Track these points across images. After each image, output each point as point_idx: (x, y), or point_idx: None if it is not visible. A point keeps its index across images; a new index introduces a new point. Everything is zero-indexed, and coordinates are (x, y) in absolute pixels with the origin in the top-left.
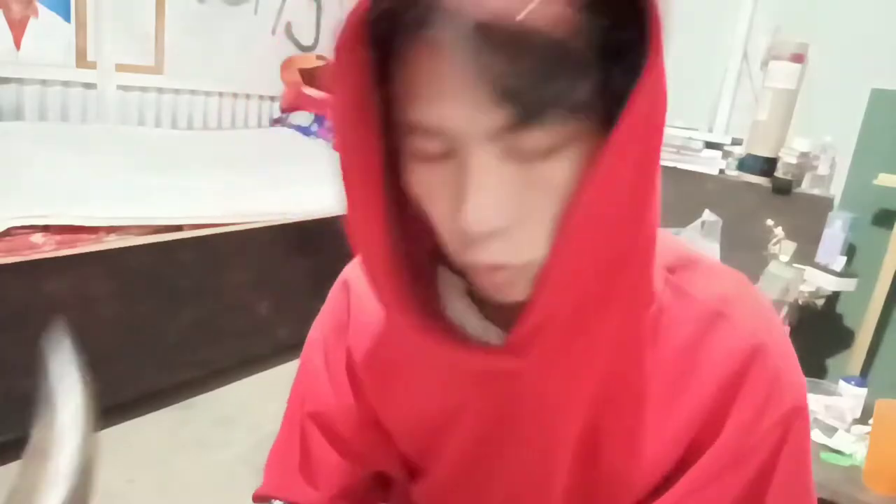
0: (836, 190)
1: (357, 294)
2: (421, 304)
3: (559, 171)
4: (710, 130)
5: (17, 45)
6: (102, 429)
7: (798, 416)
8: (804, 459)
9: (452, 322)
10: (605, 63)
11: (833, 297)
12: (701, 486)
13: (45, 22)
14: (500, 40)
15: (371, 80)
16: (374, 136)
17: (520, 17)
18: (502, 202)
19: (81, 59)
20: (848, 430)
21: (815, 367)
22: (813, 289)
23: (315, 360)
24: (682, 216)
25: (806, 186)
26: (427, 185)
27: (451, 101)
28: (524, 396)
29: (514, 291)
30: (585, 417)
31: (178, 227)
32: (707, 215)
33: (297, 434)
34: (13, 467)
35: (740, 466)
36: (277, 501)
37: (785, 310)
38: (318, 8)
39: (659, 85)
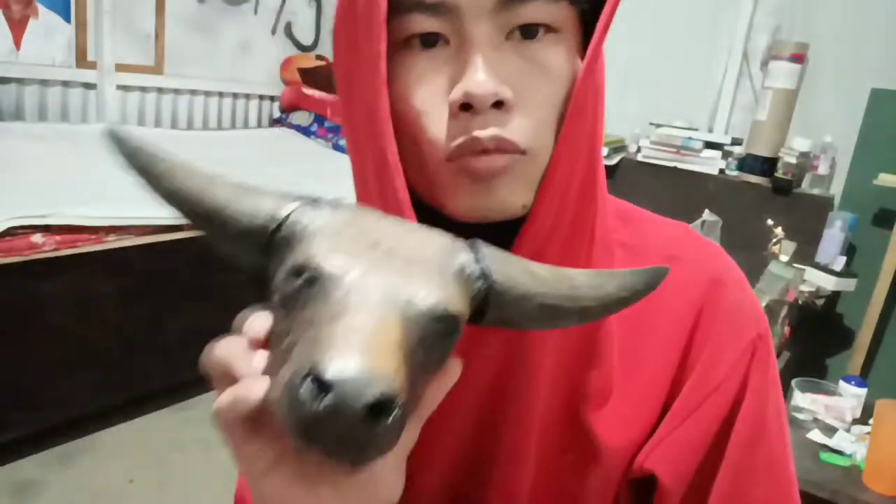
0: (836, 190)
1: None
2: None
3: (552, 55)
4: (710, 130)
5: (17, 45)
6: (103, 429)
7: (761, 343)
8: (772, 384)
9: None
10: None
11: (833, 297)
12: (681, 421)
13: (45, 22)
14: None
15: None
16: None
17: None
18: (504, 75)
19: (81, 59)
20: (848, 430)
21: (815, 367)
22: (813, 289)
23: None
24: (682, 216)
25: (806, 186)
26: (419, 73)
27: None
28: (515, 353)
29: (511, 191)
30: (562, 375)
31: (178, 227)
32: (707, 215)
33: None
34: (13, 467)
35: (715, 396)
36: None
37: (785, 310)
38: (318, 8)
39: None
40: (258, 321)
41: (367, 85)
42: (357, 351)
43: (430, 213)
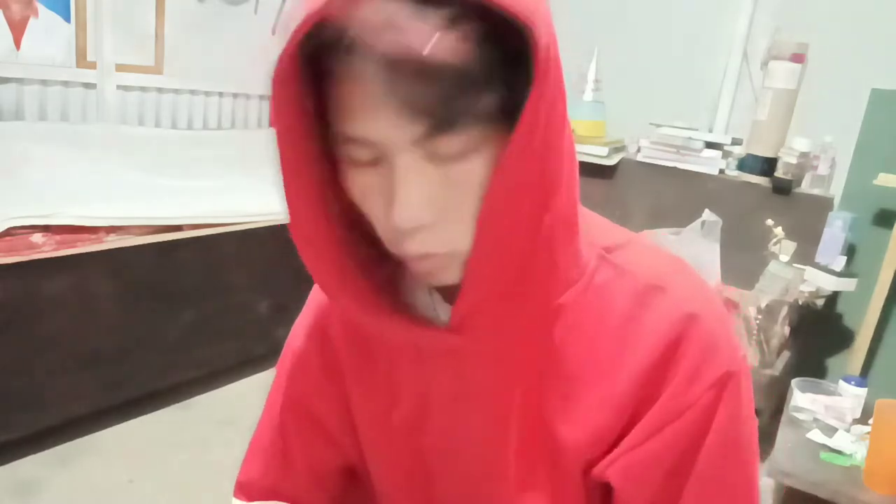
0: (836, 190)
1: None
2: (376, 294)
3: (474, 170)
4: (710, 130)
5: (17, 45)
6: (103, 429)
7: (731, 381)
8: (738, 423)
9: (414, 310)
10: (504, 78)
11: (833, 297)
12: (643, 440)
13: (45, 22)
14: (410, 69)
15: (307, 101)
16: (314, 147)
17: (424, 51)
18: (426, 199)
19: (81, 59)
20: (848, 430)
21: (815, 367)
22: (813, 289)
23: (295, 345)
24: (682, 216)
25: (806, 186)
26: (361, 188)
27: (374, 117)
28: (472, 375)
29: (446, 275)
30: (526, 391)
31: (178, 227)
32: (707, 215)
33: (276, 420)
34: (13, 467)
35: (678, 423)
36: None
37: (785, 310)
38: None
39: (545, 98)
40: None
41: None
42: None
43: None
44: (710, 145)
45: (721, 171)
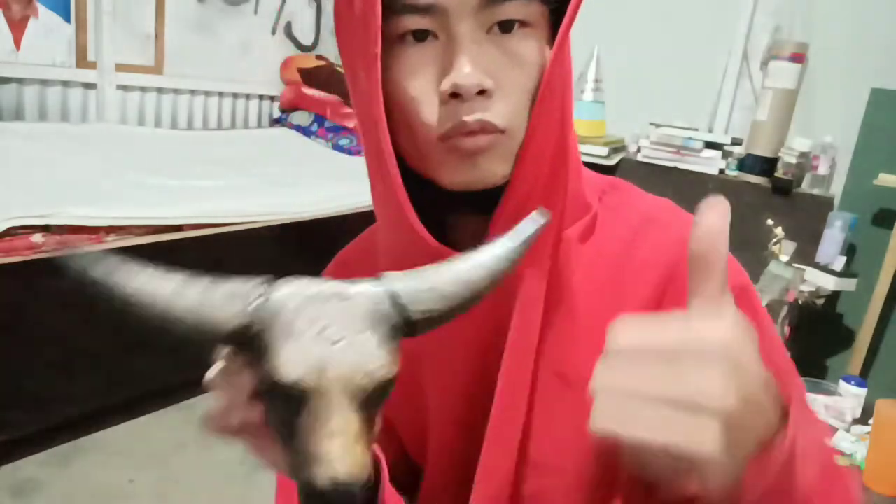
0: (836, 190)
1: (353, 267)
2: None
3: (525, 47)
4: (710, 130)
5: (17, 45)
6: (103, 429)
7: (744, 292)
8: (763, 327)
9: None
10: None
11: (833, 297)
12: None
13: (45, 22)
14: None
15: None
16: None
17: None
18: (485, 66)
19: (81, 59)
20: (848, 430)
21: (815, 367)
22: (813, 289)
23: None
24: None
25: (806, 186)
26: (413, 66)
27: None
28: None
29: (495, 162)
30: (529, 319)
31: (178, 227)
32: None
33: None
34: (13, 467)
35: None
36: None
37: (785, 310)
38: (318, 8)
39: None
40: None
41: (365, 83)
42: (336, 461)
43: (425, 184)
44: (709, 145)
45: (721, 171)
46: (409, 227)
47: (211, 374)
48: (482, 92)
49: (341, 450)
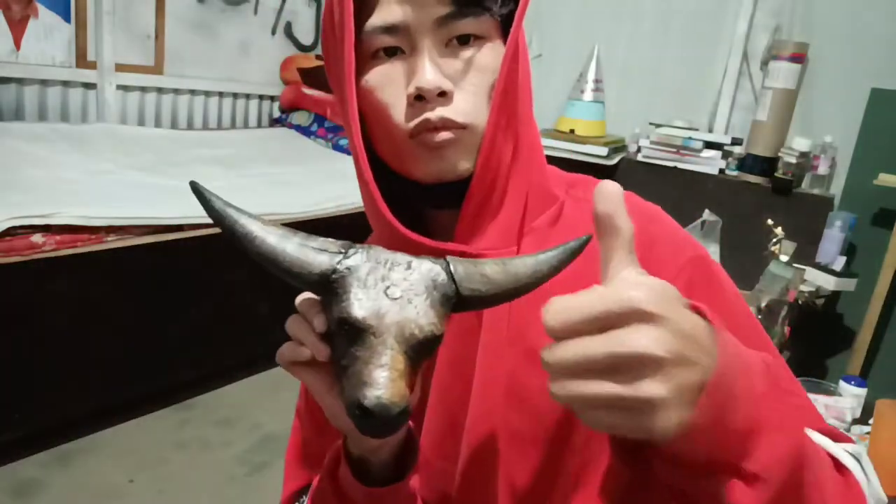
0: (836, 190)
1: None
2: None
3: (480, 55)
4: (710, 130)
5: (17, 45)
6: (103, 429)
7: (702, 261)
8: (725, 298)
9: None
10: None
11: (833, 297)
12: None
13: (45, 22)
14: None
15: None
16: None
17: None
18: (445, 72)
19: (81, 59)
20: (848, 430)
21: (815, 367)
22: (813, 289)
23: None
24: (682, 216)
25: (806, 186)
26: (383, 77)
27: (406, 2)
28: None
29: (460, 155)
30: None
31: (178, 227)
32: (707, 215)
33: (296, 423)
34: (13, 467)
35: None
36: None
37: (785, 310)
38: (318, 8)
39: (522, 20)
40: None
41: (345, 94)
42: (381, 388)
43: (405, 184)
44: (710, 145)
45: (721, 171)
46: (384, 218)
47: (291, 319)
48: (443, 94)
49: (388, 380)
